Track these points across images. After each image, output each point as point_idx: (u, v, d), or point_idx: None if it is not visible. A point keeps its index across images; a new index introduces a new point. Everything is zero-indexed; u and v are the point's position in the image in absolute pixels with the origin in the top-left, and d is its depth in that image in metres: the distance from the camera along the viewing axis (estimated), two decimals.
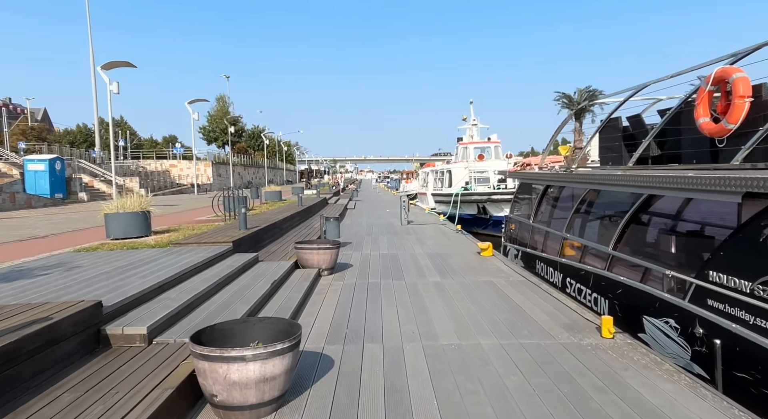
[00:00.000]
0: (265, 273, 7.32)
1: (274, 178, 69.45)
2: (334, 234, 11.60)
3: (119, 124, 71.11)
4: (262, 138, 61.87)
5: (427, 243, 12.54)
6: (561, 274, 8.35)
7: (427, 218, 19.94)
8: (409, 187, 48.22)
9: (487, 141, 27.18)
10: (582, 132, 8.58)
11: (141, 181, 32.18)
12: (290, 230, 13.23)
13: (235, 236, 8.88)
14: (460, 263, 9.66)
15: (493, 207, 20.56)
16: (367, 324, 5.75)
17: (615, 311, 6.42)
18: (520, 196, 11.00)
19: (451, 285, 7.78)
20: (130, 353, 4.09)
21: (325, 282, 8.09)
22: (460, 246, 11.90)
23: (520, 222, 10.93)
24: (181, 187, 38.30)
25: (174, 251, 7.69)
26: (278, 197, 23.17)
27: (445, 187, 23.89)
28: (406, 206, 17.11)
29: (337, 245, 8.71)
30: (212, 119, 58.31)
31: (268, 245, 10.35)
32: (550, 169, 8.72)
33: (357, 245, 12.34)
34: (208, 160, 43.47)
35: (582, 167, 8.13)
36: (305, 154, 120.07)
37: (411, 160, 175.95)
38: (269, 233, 11.24)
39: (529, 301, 6.67)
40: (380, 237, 13.80)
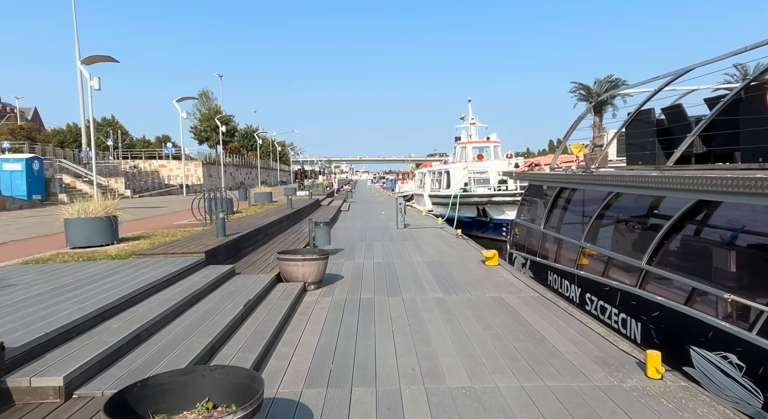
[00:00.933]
0: (239, 290, 6.29)
1: (267, 178, 68.27)
2: (324, 240, 10.58)
3: (110, 124, 69.72)
4: (255, 138, 60.71)
5: (426, 250, 11.53)
6: (579, 289, 7.36)
7: (424, 221, 18.93)
8: (405, 187, 47.24)
9: (487, 140, 26.23)
10: (602, 127, 7.63)
11: (127, 181, 31.02)
12: (277, 236, 12.19)
13: (209, 245, 7.83)
14: (464, 274, 8.66)
15: (494, 209, 19.58)
16: (357, 357, 4.73)
17: (650, 337, 5.44)
18: (528, 199, 10.03)
19: (455, 302, 6.78)
20: (38, 413, 3.06)
21: (310, 298, 7.07)
22: (462, 254, 10.90)
23: (528, 227, 9.95)
24: (170, 187, 37.11)
25: (135, 264, 6.64)
26: (268, 199, 22.10)
27: (443, 189, 22.91)
28: (402, 209, 16.11)
29: (325, 255, 7.69)
30: (203, 118, 57.14)
31: (249, 254, 9.31)
32: (565, 169, 7.77)
33: (349, 252, 11.32)
34: (199, 160, 42.29)
35: (603, 167, 7.19)
36: (300, 154, 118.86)
37: (407, 160, 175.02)
38: (252, 240, 10.20)
39: (549, 325, 5.68)
40: (375, 243, 12.78)
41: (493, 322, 5.79)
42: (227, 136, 59.51)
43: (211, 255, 7.48)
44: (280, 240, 11.51)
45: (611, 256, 6.52)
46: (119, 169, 34.89)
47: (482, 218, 20.26)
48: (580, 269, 7.44)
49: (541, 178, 8.75)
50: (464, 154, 25.44)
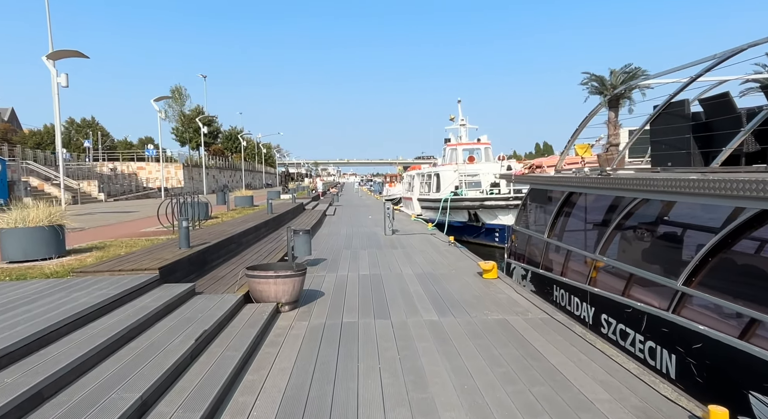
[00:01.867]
0: (196, 317, 5.23)
1: (252, 181, 66.84)
2: (304, 250, 9.53)
3: (90, 125, 67.67)
4: (240, 139, 59.30)
5: (417, 260, 10.55)
6: (592, 308, 6.44)
7: (413, 226, 17.97)
8: (393, 190, 46.31)
9: (477, 142, 25.37)
10: (618, 124, 6.74)
11: (101, 184, 29.57)
12: (253, 245, 11.11)
13: (167, 259, 6.75)
14: (460, 290, 7.69)
15: (486, 214, 18.70)
16: (334, 410, 3.72)
17: (689, 373, 4.51)
18: (529, 205, 9.13)
19: (453, 326, 5.80)
20: None
21: (284, 322, 6.03)
22: (456, 264, 9.94)
23: (529, 236, 9.03)
24: (149, 191, 35.66)
25: (70, 285, 5.54)
26: (249, 203, 20.96)
27: (432, 192, 21.99)
28: (390, 214, 15.12)
29: (302, 270, 6.66)
30: (185, 119, 55.58)
31: (217, 268, 8.23)
32: (575, 172, 6.88)
33: (332, 263, 10.28)
34: (179, 161, 40.84)
35: (621, 169, 6.31)
36: (286, 156, 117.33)
37: (394, 163, 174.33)
38: (223, 250, 9.12)
39: (568, 358, 4.72)
40: (361, 252, 11.76)
41: (501, 355, 4.81)
42: (210, 137, 58.03)
43: (167, 271, 6.40)
44: (256, 250, 10.43)
45: (634, 273, 5.59)
46: (94, 172, 33.37)
47: (474, 223, 19.38)
48: (594, 285, 6.52)
49: (546, 182, 7.84)
50: (454, 156, 24.56)
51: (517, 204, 17.87)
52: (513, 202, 17.76)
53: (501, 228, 18.57)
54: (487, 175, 19.62)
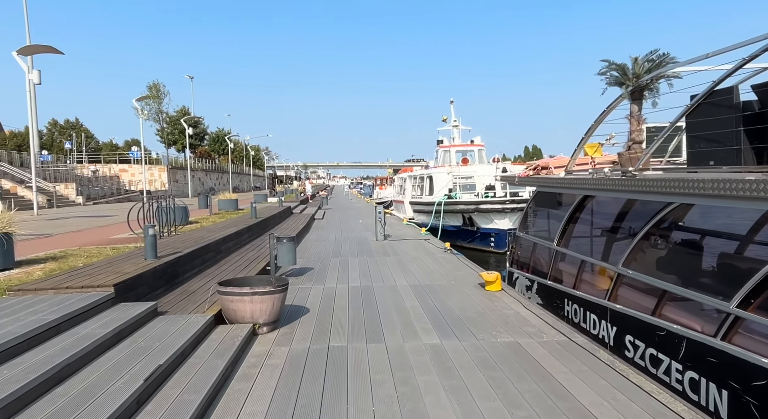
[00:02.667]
0: (152, 346, 4.35)
1: (240, 184, 65.63)
2: (289, 259, 8.67)
3: (74, 126, 65.99)
4: (227, 141, 58.13)
5: (411, 269, 9.72)
6: (613, 327, 5.67)
7: (406, 231, 17.16)
8: (383, 193, 45.51)
9: (471, 144, 24.67)
10: (642, 118, 5.99)
11: (80, 187, 28.34)
12: (233, 253, 10.20)
13: (127, 273, 5.85)
14: (462, 304, 6.88)
15: (482, 217, 17.95)
16: None
17: (748, 415, 3.73)
18: (535, 209, 8.35)
19: (458, 352, 4.98)
20: None
21: (260, 348, 5.17)
22: (454, 274, 9.13)
23: (534, 243, 8.25)
24: (131, 193, 34.42)
25: (4, 307, 4.63)
26: (234, 206, 19.98)
27: (425, 195, 21.20)
28: (382, 218, 14.29)
29: (283, 286, 5.80)
30: (170, 120, 54.30)
31: (189, 281, 7.32)
32: (592, 173, 6.12)
33: (320, 273, 9.42)
34: (163, 164, 39.63)
35: (647, 169, 5.55)
36: (275, 159, 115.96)
37: (384, 166, 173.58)
38: (197, 260, 8.21)
39: (599, 396, 3.92)
40: (351, 260, 10.91)
41: (520, 393, 4.00)
42: (196, 139, 56.79)
43: (125, 288, 5.50)
44: (235, 259, 9.53)
45: (669, 290, 4.82)
46: (73, 174, 32.10)
47: (468, 227, 18.62)
48: (615, 301, 5.74)
49: (556, 184, 7.07)
50: (447, 158, 23.82)
51: (513, 208, 17.14)
52: (509, 206, 17.04)
53: (497, 232, 17.84)
54: (482, 178, 18.89)
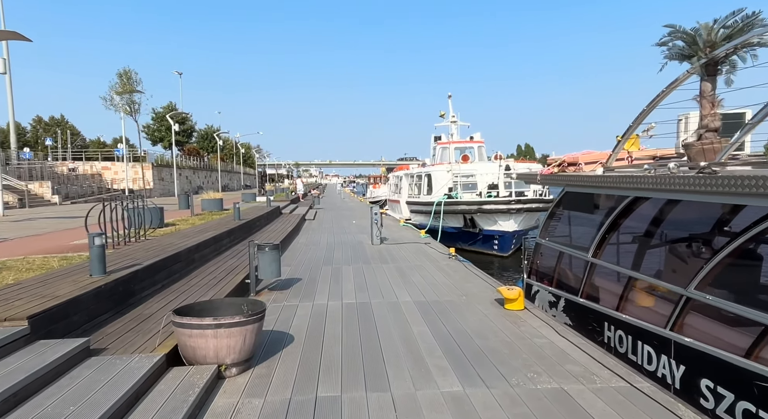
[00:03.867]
0: (63, 413, 3.05)
1: (229, 182, 64.01)
2: (271, 271, 7.39)
3: (59, 123, 64.05)
4: (216, 138, 56.52)
5: (414, 280, 8.47)
6: (680, 366, 4.45)
7: (403, 233, 15.90)
8: (377, 192, 44.25)
9: (470, 140, 23.45)
10: (718, 99, 4.81)
11: (56, 186, 26.75)
12: (208, 262, 8.88)
13: (58, 297, 4.53)
14: (481, 329, 5.63)
15: (484, 219, 16.73)
16: None
17: None
18: (563, 212, 7.11)
19: (489, 408, 3.73)
20: None
21: (225, 401, 3.88)
22: (464, 286, 7.89)
23: (561, 253, 7.03)
24: (113, 192, 32.79)
25: None
26: (218, 207, 18.60)
27: (423, 194, 19.95)
28: (378, 220, 13.02)
29: (257, 314, 4.51)
30: (157, 117, 52.59)
31: (146, 301, 6.00)
32: (648, 169, 4.94)
33: (309, 285, 8.13)
34: (148, 161, 37.99)
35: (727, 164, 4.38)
36: (267, 157, 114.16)
37: (377, 164, 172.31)
38: (161, 274, 6.88)
39: None
40: (344, 269, 9.63)
41: None
42: (183, 136, 55.11)
43: (49, 319, 4.19)
44: (210, 270, 8.21)
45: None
46: (51, 171, 30.45)
47: (470, 229, 17.40)
48: (681, 332, 4.53)
49: (593, 183, 5.82)
50: (446, 155, 22.56)
51: (520, 208, 15.96)
52: (515, 206, 15.85)
53: (501, 234, 16.65)
54: (484, 176, 17.69)
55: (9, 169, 26.75)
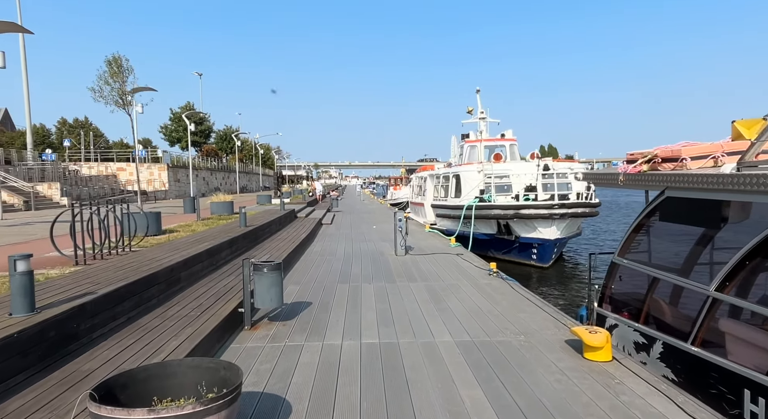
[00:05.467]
0: None
1: (248, 183, 63.16)
2: (271, 298, 5.77)
3: (83, 125, 64.25)
4: (235, 139, 55.65)
5: (452, 307, 6.73)
6: None
7: (431, 241, 14.15)
8: (398, 194, 42.52)
9: (501, 138, 21.57)
10: None
11: (66, 187, 25.81)
12: (196, 284, 7.27)
13: None
14: (563, 400, 3.87)
15: (522, 225, 14.86)
16: None
17: None
18: (659, 225, 5.27)
19: None
20: None
21: None
22: (518, 318, 6.11)
23: (655, 279, 5.20)
24: (127, 194, 31.89)
25: None
26: (228, 210, 17.17)
27: (450, 197, 18.15)
28: (403, 228, 11.31)
29: (226, 396, 2.82)
30: (174, 117, 51.93)
31: (96, 345, 4.41)
32: None
33: (319, 313, 6.45)
34: (163, 162, 37.09)
35: None
36: (286, 158, 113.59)
37: (397, 165, 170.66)
38: (122, 306, 5.29)
39: None
40: (364, 289, 7.94)
41: None
42: (201, 136, 54.38)
43: None
44: (195, 295, 6.60)
45: None
46: (62, 173, 29.64)
47: (504, 236, 15.55)
48: None
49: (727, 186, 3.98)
50: (474, 154, 20.73)
51: (564, 213, 14.04)
52: (558, 211, 13.95)
53: (540, 243, 14.76)
54: (519, 177, 15.82)
55: (18, 171, 25.92)
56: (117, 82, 10.67)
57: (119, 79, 10.66)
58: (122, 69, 10.72)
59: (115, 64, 10.60)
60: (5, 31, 17.09)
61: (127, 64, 10.91)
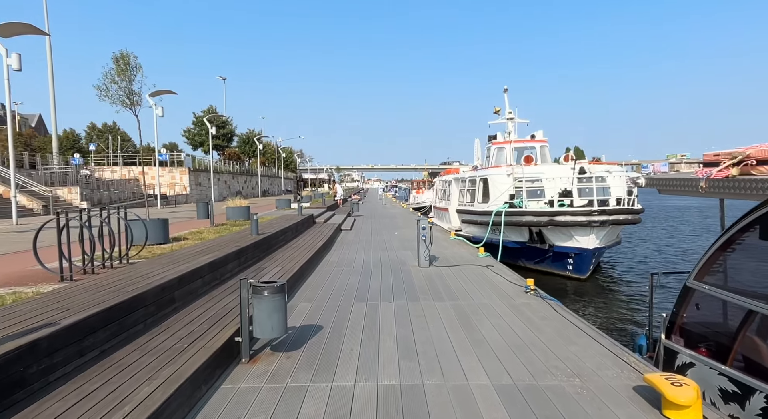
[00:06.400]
0: None
1: (270, 187, 63.06)
2: (273, 326, 4.90)
3: (111, 130, 65.40)
4: (257, 143, 55.56)
5: (486, 336, 5.72)
6: None
7: (456, 250, 13.11)
8: (421, 198, 41.41)
9: (531, 139, 20.37)
10: None
11: (86, 191, 25.67)
12: (195, 302, 6.43)
13: None
14: None
15: (556, 233, 13.68)
16: None
17: None
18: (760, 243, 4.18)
19: None
20: None
21: None
22: (571, 353, 5.06)
23: (751, 312, 4.09)
24: (148, 198, 31.75)
25: None
26: (244, 215, 16.45)
27: (477, 202, 17.05)
28: (427, 237, 10.32)
29: None
30: (197, 120, 52.10)
31: (52, 392, 3.56)
32: None
33: (330, 342, 5.51)
34: (185, 165, 36.95)
35: None
36: (309, 161, 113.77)
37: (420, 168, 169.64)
38: (101, 333, 4.46)
39: None
40: (384, 309, 6.98)
41: None
42: (223, 140, 54.44)
43: None
44: (189, 318, 5.75)
45: None
46: (82, 177, 29.62)
47: (537, 244, 14.38)
48: None
49: None
50: (502, 156, 19.58)
51: (604, 221, 12.81)
52: (598, 218, 12.73)
53: (577, 252, 13.55)
54: (553, 181, 14.65)
55: (40, 175, 25.91)
56: (124, 81, 9.98)
57: (126, 78, 9.97)
58: (130, 66, 10.03)
59: (122, 61, 9.93)
60: (21, 33, 16.84)
61: (135, 62, 10.24)
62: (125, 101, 10.37)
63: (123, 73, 10.22)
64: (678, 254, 20.24)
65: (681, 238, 25.34)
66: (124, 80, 10.29)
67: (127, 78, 10.26)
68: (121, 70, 10.20)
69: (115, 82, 10.27)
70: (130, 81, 10.31)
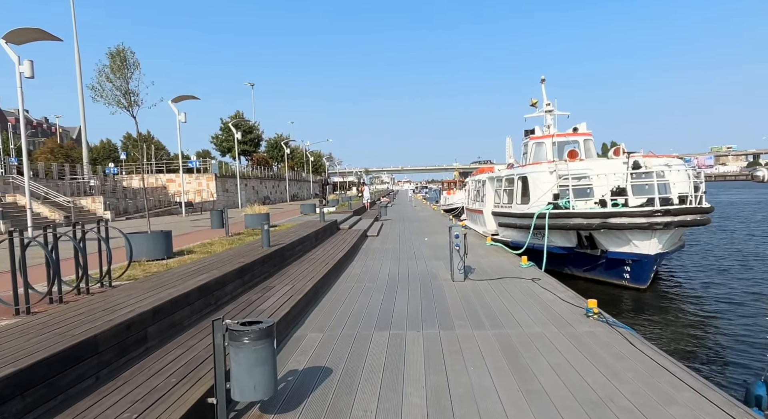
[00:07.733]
0: None
1: (299, 191, 62.56)
2: (254, 386, 3.62)
3: (146, 139, 66.69)
4: (284, 147, 55.11)
5: (545, 386, 4.25)
6: None
7: (494, 259, 11.59)
8: (452, 199, 39.71)
9: (573, 133, 18.56)
10: None
11: (110, 201, 25.32)
12: (174, 339, 5.22)
13: None
14: None
15: (610, 237, 11.94)
16: None
17: None
18: None
19: None
20: None
21: None
22: (654, 407, 3.55)
23: None
24: (174, 206, 31.41)
25: None
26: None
27: (516, 203, 15.41)
28: (461, 247, 8.88)
29: None
30: (225, 126, 52.04)
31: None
32: None
33: (338, 397, 4.16)
34: (211, 172, 36.56)
35: None
36: (338, 165, 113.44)
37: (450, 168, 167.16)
38: (9, 408, 3.26)
39: None
40: (409, 342, 5.59)
41: None
42: (251, 145, 54.21)
43: None
44: (159, 366, 4.53)
45: None
46: (106, 187, 29.45)
47: (587, 250, 12.66)
48: None
49: None
50: (541, 152, 17.85)
51: (668, 222, 10.99)
52: (661, 219, 10.93)
53: (636, 259, 11.77)
54: (602, 177, 12.91)
55: (63, 185, 25.76)
56: (119, 79, 8.97)
57: (122, 76, 8.96)
58: (126, 63, 9.02)
59: (118, 58, 8.93)
60: (33, 39, 16.33)
61: (132, 58, 9.23)
62: (121, 101, 9.37)
63: (119, 71, 9.24)
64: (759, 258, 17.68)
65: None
66: (120, 78, 9.30)
67: (123, 76, 9.26)
68: (117, 68, 9.22)
69: (110, 81, 9.30)
70: (126, 79, 9.31)
